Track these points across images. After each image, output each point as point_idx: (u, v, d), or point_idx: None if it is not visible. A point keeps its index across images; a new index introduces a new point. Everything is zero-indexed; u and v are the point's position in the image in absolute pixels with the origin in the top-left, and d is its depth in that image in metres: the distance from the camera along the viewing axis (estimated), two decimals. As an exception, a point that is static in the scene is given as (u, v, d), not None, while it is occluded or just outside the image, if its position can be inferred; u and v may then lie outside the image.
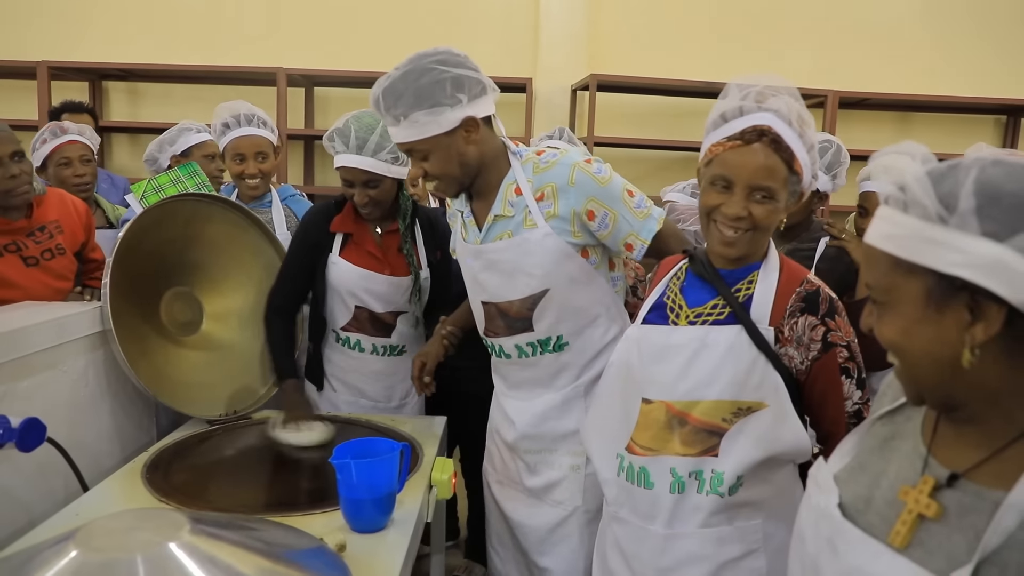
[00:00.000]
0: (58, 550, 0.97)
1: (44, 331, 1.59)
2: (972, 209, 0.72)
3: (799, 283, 1.35)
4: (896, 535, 0.82)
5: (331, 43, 4.43)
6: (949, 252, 0.73)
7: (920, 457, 0.85)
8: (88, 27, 4.38)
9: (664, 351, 1.38)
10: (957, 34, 4.60)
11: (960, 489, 0.79)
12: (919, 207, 0.76)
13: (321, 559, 1.17)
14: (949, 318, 0.76)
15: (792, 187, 1.33)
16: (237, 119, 2.47)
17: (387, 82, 1.61)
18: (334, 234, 2.09)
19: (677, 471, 1.35)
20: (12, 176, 1.97)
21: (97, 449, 1.77)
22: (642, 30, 4.54)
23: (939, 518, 0.79)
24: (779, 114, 1.31)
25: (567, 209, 1.64)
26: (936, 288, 0.76)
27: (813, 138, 1.34)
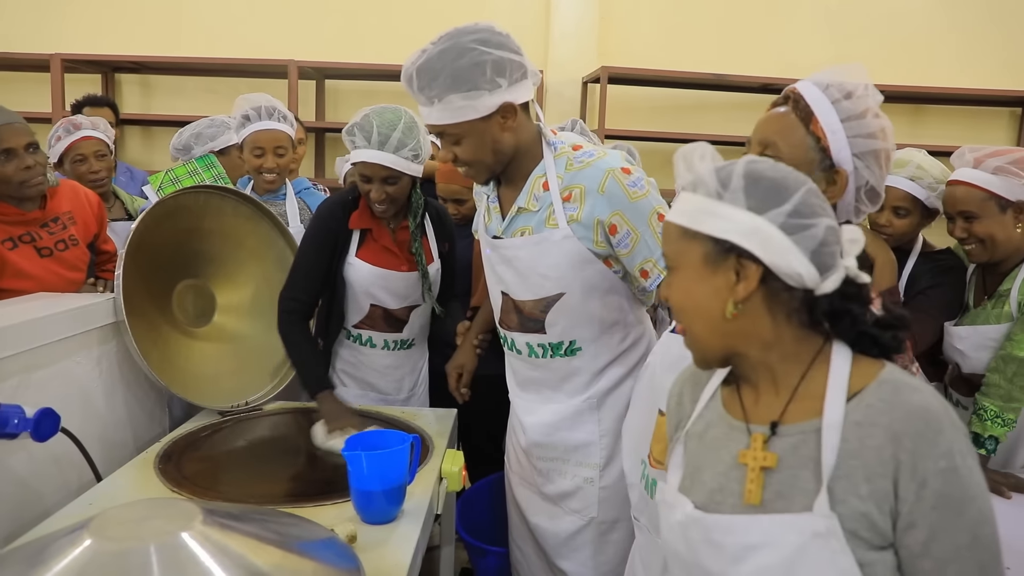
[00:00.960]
0: (72, 539, 0.98)
1: (58, 322, 1.60)
2: (740, 187, 0.92)
3: None
4: (749, 494, 0.94)
5: (342, 36, 4.42)
6: (722, 220, 0.92)
7: (739, 429, 0.99)
8: (101, 20, 4.40)
9: (679, 362, 1.30)
10: (970, 25, 4.55)
11: (784, 435, 0.94)
12: (704, 186, 0.94)
13: (332, 550, 1.18)
14: (720, 277, 0.93)
15: (813, 154, 1.20)
16: (258, 112, 2.46)
17: (422, 59, 1.51)
18: (351, 231, 2.05)
19: None
20: (27, 167, 1.98)
21: (110, 439, 1.78)
22: (653, 22, 4.51)
23: (777, 466, 0.93)
24: (816, 80, 1.23)
25: (591, 217, 1.56)
26: (712, 251, 0.93)
27: (857, 109, 1.20)
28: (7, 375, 1.44)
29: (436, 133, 1.59)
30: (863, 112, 1.20)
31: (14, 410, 1.31)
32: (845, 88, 1.21)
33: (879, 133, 1.21)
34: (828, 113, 1.20)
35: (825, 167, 1.20)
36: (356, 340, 2.14)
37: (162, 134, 4.51)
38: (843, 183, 1.21)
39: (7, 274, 2.00)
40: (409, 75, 1.52)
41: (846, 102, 1.20)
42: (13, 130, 1.97)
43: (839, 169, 1.20)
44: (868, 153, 1.20)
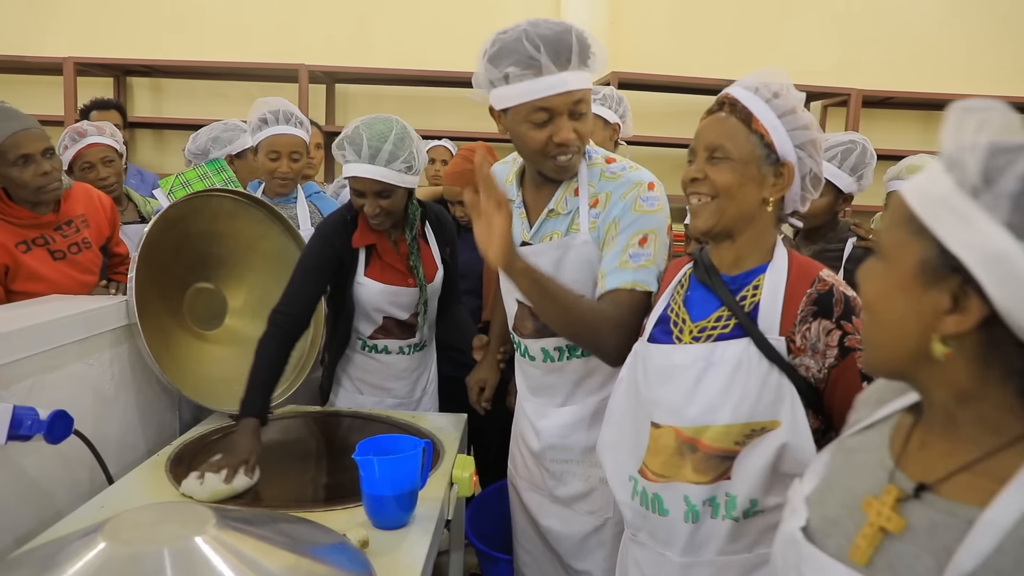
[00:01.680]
0: (87, 542, 0.98)
1: (72, 324, 1.60)
2: (1011, 193, 0.65)
3: (810, 283, 1.24)
4: (856, 550, 0.77)
5: (352, 40, 4.44)
6: (963, 229, 0.68)
7: (886, 469, 0.81)
8: (113, 24, 4.43)
9: (668, 372, 1.30)
10: (980, 31, 4.54)
11: (929, 504, 0.74)
12: (959, 170, 0.69)
13: (344, 555, 1.18)
14: (931, 297, 0.71)
15: (758, 150, 1.25)
16: (275, 116, 2.46)
17: (560, 25, 1.48)
18: (357, 251, 2.02)
19: (691, 499, 1.28)
20: (45, 173, 1.99)
21: (121, 442, 1.79)
22: (663, 27, 4.52)
23: (903, 533, 0.74)
24: (744, 84, 1.30)
25: (607, 220, 1.56)
26: (933, 260, 0.71)
27: (788, 105, 1.26)
28: (21, 377, 1.44)
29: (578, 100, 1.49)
30: (794, 107, 1.27)
31: (28, 412, 1.31)
32: (772, 88, 1.28)
33: (811, 124, 1.28)
34: (765, 111, 1.26)
35: (772, 162, 1.27)
36: (372, 350, 2.13)
37: (173, 137, 4.54)
38: (790, 174, 1.27)
39: (21, 277, 2.01)
40: (559, 37, 1.45)
41: (777, 100, 1.27)
42: (30, 136, 1.98)
43: (784, 161, 1.27)
44: (807, 143, 1.27)
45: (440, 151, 3.58)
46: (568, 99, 1.47)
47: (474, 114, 4.39)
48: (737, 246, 1.31)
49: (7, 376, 1.41)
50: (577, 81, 1.47)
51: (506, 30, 1.49)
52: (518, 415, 1.90)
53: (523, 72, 1.45)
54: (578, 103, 1.49)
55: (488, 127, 2.56)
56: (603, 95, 2.62)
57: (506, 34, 1.48)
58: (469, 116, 4.39)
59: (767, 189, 1.27)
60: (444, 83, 4.31)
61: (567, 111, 1.49)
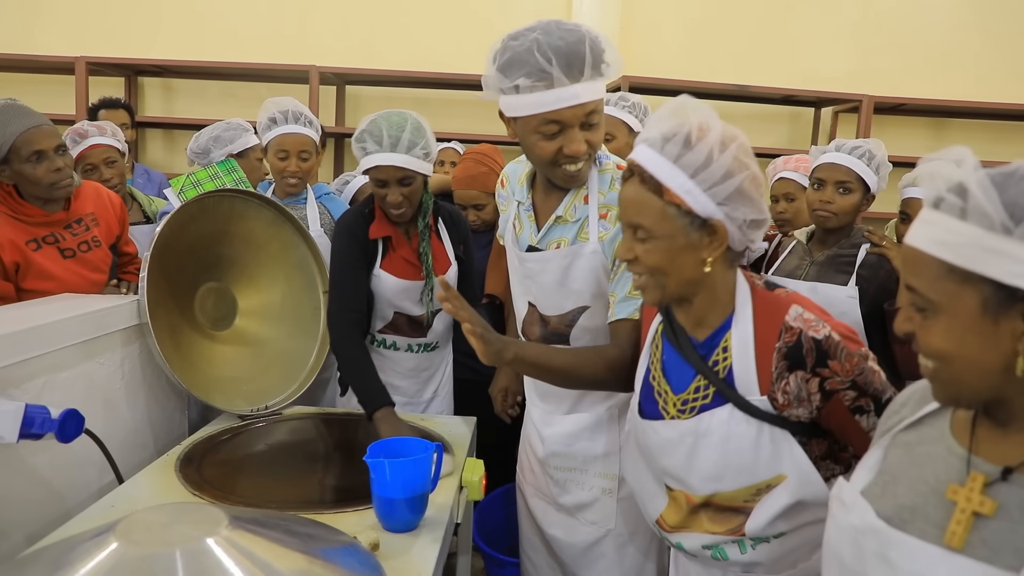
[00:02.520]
0: (99, 542, 0.98)
1: (83, 324, 1.60)
2: None
3: (777, 336, 1.19)
4: (952, 535, 0.81)
5: (363, 42, 4.45)
6: (1012, 263, 0.74)
7: (959, 458, 0.85)
8: (125, 24, 4.45)
9: (664, 446, 1.31)
10: (993, 38, 4.52)
11: (1017, 483, 0.79)
12: (982, 215, 0.75)
13: (355, 557, 1.17)
14: (1004, 327, 0.76)
15: (679, 221, 1.17)
16: (285, 115, 2.47)
17: (575, 33, 1.40)
18: (375, 242, 2.06)
19: (711, 544, 1.33)
20: (57, 169, 2.00)
21: (131, 441, 1.78)
22: (675, 32, 4.51)
23: (995, 514, 0.79)
24: (649, 137, 1.20)
25: (616, 239, 1.51)
26: (993, 298, 0.76)
27: (699, 158, 1.14)
28: (33, 376, 1.44)
29: (589, 112, 1.44)
30: (708, 157, 1.15)
31: (39, 411, 1.31)
32: (680, 137, 1.16)
33: (733, 167, 1.15)
34: (674, 176, 1.16)
35: (698, 226, 1.18)
36: (380, 345, 2.15)
37: (183, 137, 4.55)
38: (723, 231, 1.18)
39: (31, 275, 2.01)
40: (572, 48, 1.38)
41: (688, 155, 1.15)
42: (43, 132, 1.99)
43: (712, 221, 1.18)
44: (731, 195, 1.16)
45: (449, 153, 3.58)
46: (580, 111, 1.43)
47: (483, 116, 4.39)
48: (696, 308, 1.28)
49: (19, 375, 1.40)
50: (589, 93, 1.41)
51: (517, 35, 1.43)
52: (526, 420, 1.90)
53: (534, 84, 1.39)
54: (590, 114, 1.45)
55: (497, 129, 2.55)
56: (632, 103, 2.59)
57: (517, 41, 1.42)
58: (478, 118, 4.39)
59: (703, 251, 1.20)
60: (453, 85, 4.31)
61: (578, 123, 1.45)
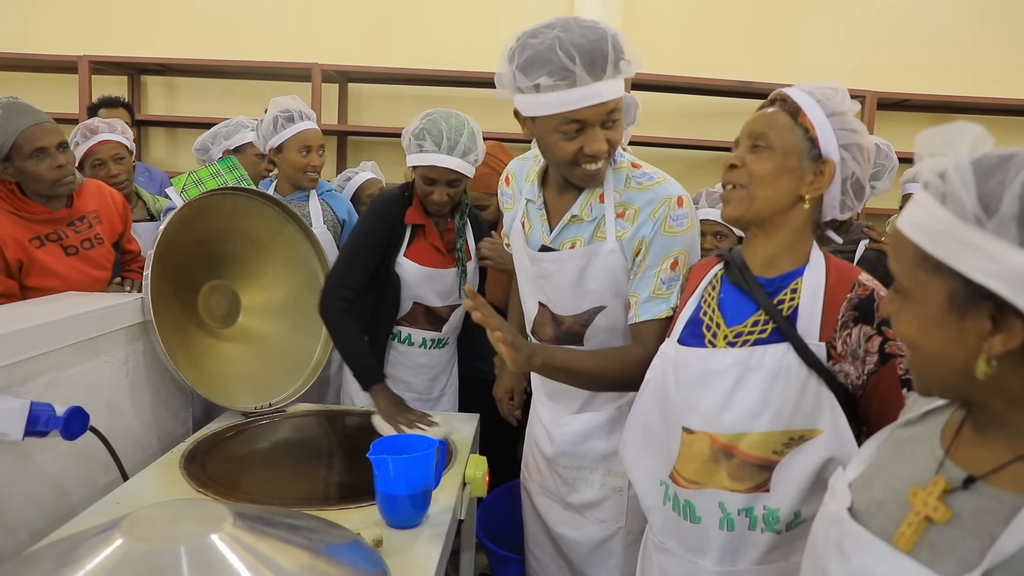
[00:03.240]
0: (104, 538, 0.98)
1: (87, 322, 1.61)
2: (1014, 215, 0.66)
3: (850, 287, 1.21)
4: (901, 536, 0.79)
5: (365, 39, 4.45)
6: (981, 258, 0.69)
7: (935, 458, 0.82)
8: (127, 23, 4.45)
9: (703, 377, 1.27)
10: (999, 33, 4.50)
11: (977, 492, 0.76)
12: (956, 202, 0.70)
13: (359, 553, 1.18)
14: (970, 324, 0.72)
15: (801, 144, 1.23)
16: (300, 113, 2.50)
17: (597, 31, 1.39)
18: (404, 228, 2.10)
19: (726, 507, 1.25)
20: (59, 166, 2.01)
21: (135, 438, 1.79)
22: (677, 28, 4.50)
23: (947, 522, 0.76)
24: (800, 86, 1.29)
25: (635, 238, 1.52)
26: (961, 292, 0.72)
27: (839, 107, 1.24)
28: (37, 373, 1.45)
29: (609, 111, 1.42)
30: (844, 111, 1.25)
31: (45, 408, 1.31)
32: (827, 91, 1.26)
33: (861, 130, 1.25)
34: (814, 108, 1.24)
35: (813, 156, 1.24)
36: (395, 337, 2.17)
37: (186, 136, 4.56)
38: (831, 172, 1.23)
39: (35, 272, 2.02)
40: (595, 46, 1.37)
41: (828, 101, 1.25)
42: (45, 129, 2.00)
43: (827, 159, 1.23)
44: (853, 145, 1.24)
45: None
46: (602, 110, 1.41)
47: (487, 113, 4.37)
48: (771, 244, 1.28)
49: (24, 372, 1.41)
50: (611, 91, 1.40)
51: (536, 33, 1.40)
52: (532, 420, 1.89)
53: (556, 83, 1.37)
54: (611, 112, 1.43)
55: (504, 127, 2.56)
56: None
57: (537, 39, 1.39)
58: (482, 115, 4.35)
59: (804, 186, 1.24)
60: (456, 83, 4.31)
61: (599, 122, 1.43)
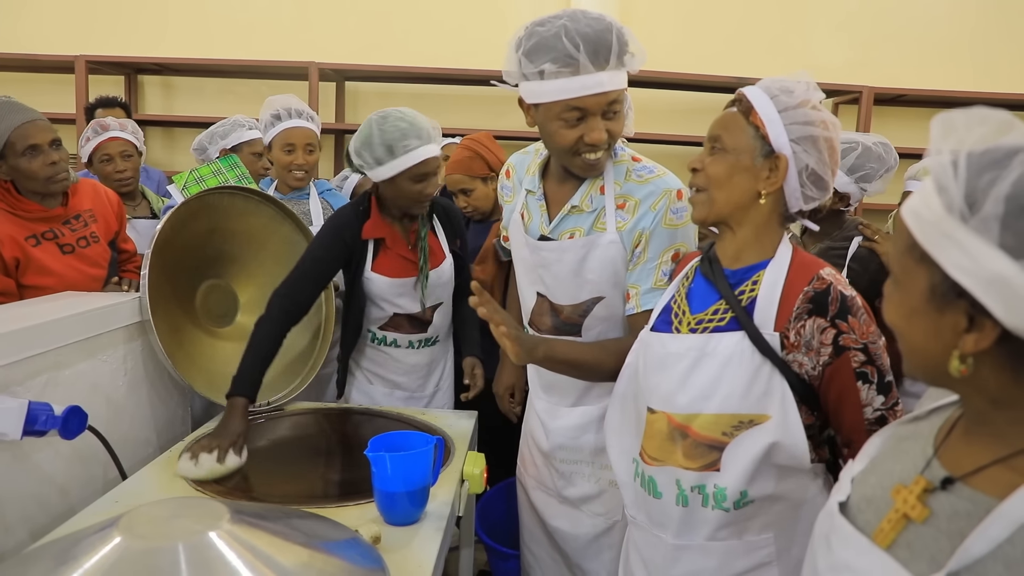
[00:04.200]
0: (102, 536, 0.99)
1: (85, 321, 1.61)
2: (997, 216, 0.65)
3: (808, 281, 1.25)
4: (880, 532, 0.80)
5: (362, 38, 4.45)
6: (959, 254, 0.68)
7: (925, 457, 0.82)
8: (124, 22, 4.46)
9: (664, 360, 1.33)
10: (995, 28, 4.50)
11: (955, 493, 0.75)
12: (947, 194, 0.69)
13: (357, 550, 1.18)
14: (947, 319, 0.72)
15: (753, 142, 1.27)
16: (288, 111, 2.54)
17: (601, 22, 1.44)
18: (367, 243, 2.04)
19: (681, 484, 1.31)
20: (52, 163, 2.03)
21: (134, 437, 1.80)
22: (672, 25, 4.50)
23: (924, 521, 0.76)
24: (760, 83, 1.32)
25: (635, 229, 1.54)
26: (940, 285, 0.71)
27: (793, 102, 1.27)
28: (36, 373, 1.45)
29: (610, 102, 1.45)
30: (800, 104, 1.27)
31: (43, 408, 1.32)
32: (785, 87, 1.29)
33: (817, 122, 1.27)
34: (765, 105, 1.28)
35: (766, 153, 1.27)
36: (381, 342, 2.15)
37: (184, 135, 4.55)
38: (783, 166, 1.27)
39: (31, 270, 2.03)
40: (599, 36, 1.41)
41: (784, 97, 1.28)
42: (37, 127, 2.01)
43: (779, 154, 1.27)
44: (804, 138, 1.26)
45: (452, 149, 3.58)
46: (603, 99, 1.44)
47: (483, 111, 4.39)
48: (738, 239, 1.33)
49: (22, 372, 1.41)
50: (613, 81, 1.43)
51: (543, 22, 1.44)
52: (529, 413, 1.89)
53: (560, 70, 1.41)
54: (613, 103, 1.46)
55: (497, 124, 2.56)
56: None
57: (544, 27, 1.43)
58: (478, 113, 4.40)
59: (761, 182, 1.28)
60: (452, 81, 4.31)
61: (600, 111, 1.46)
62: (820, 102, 1.30)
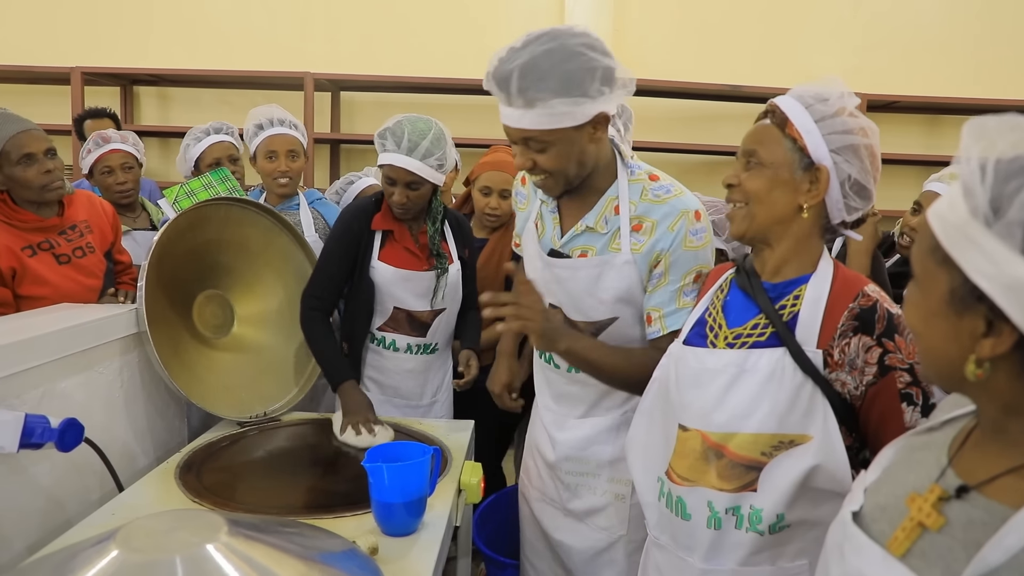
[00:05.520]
0: (99, 549, 0.98)
1: (82, 333, 1.61)
2: (1021, 222, 0.65)
3: (853, 297, 1.21)
4: (894, 541, 0.79)
5: (358, 48, 4.47)
6: (981, 258, 0.68)
7: (939, 466, 0.82)
8: (120, 33, 4.47)
9: (700, 376, 1.28)
10: (989, 34, 4.53)
11: (970, 502, 0.75)
12: (973, 198, 0.69)
13: (354, 561, 1.18)
14: (966, 323, 0.72)
15: (791, 155, 1.24)
16: (271, 120, 2.57)
17: (523, 58, 1.38)
18: (374, 233, 2.12)
19: (714, 505, 1.26)
20: (47, 171, 2.04)
21: (131, 449, 1.79)
22: (667, 33, 4.53)
23: (939, 530, 0.75)
24: (793, 91, 1.29)
25: (652, 251, 1.53)
26: (960, 288, 0.71)
27: (830, 110, 1.23)
28: (32, 385, 1.45)
29: (518, 139, 1.47)
30: (837, 112, 1.24)
31: (39, 420, 1.32)
32: (820, 95, 1.26)
33: (856, 130, 1.24)
34: (801, 116, 1.24)
35: (805, 166, 1.24)
36: (380, 343, 2.17)
37: (179, 146, 4.55)
38: (825, 178, 1.24)
39: (27, 280, 2.03)
40: (506, 74, 1.39)
41: (819, 106, 1.25)
42: (32, 136, 2.03)
43: (819, 166, 1.23)
44: (845, 148, 1.23)
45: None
46: (514, 132, 1.46)
47: (479, 120, 4.40)
48: (777, 254, 1.29)
49: (19, 385, 1.41)
50: (512, 118, 1.44)
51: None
52: (534, 424, 1.87)
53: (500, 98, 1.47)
54: (527, 140, 1.46)
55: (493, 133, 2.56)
56: None
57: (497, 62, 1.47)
58: (473, 122, 4.40)
59: (802, 195, 1.25)
60: (448, 90, 4.33)
61: (518, 139, 1.47)
62: (855, 107, 1.26)
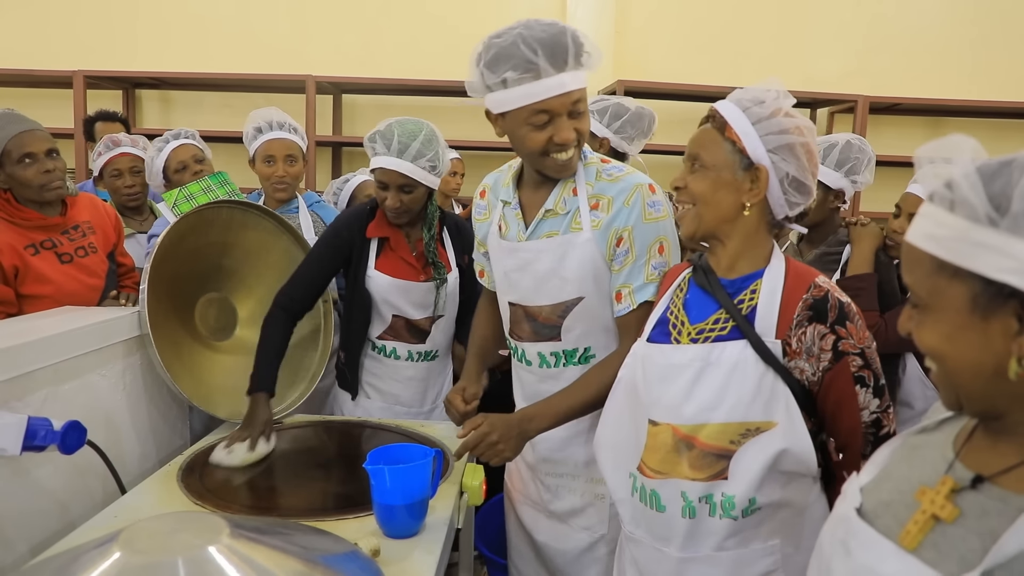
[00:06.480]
0: (102, 551, 0.98)
1: (84, 336, 1.62)
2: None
3: (805, 289, 1.28)
4: (906, 534, 0.80)
5: (359, 51, 4.48)
6: (998, 257, 0.70)
7: (945, 461, 0.83)
8: (122, 37, 4.48)
9: (667, 371, 1.34)
10: (989, 37, 4.54)
11: (984, 492, 0.76)
12: (967, 207, 0.72)
13: (356, 564, 1.18)
14: (996, 326, 0.72)
15: (731, 156, 1.29)
16: (269, 124, 2.56)
17: (561, 25, 1.49)
18: (369, 241, 2.09)
19: (688, 495, 1.31)
20: (47, 171, 2.05)
21: (133, 452, 1.80)
22: (669, 35, 4.53)
23: (954, 521, 0.76)
24: (732, 96, 1.33)
25: (610, 226, 1.57)
26: (983, 294, 0.72)
27: (766, 112, 1.29)
28: (35, 388, 1.46)
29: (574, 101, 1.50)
30: (772, 113, 1.29)
31: (42, 423, 1.32)
32: (756, 98, 1.31)
33: (792, 129, 1.29)
34: (739, 119, 1.30)
35: (745, 166, 1.30)
36: (380, 351, 2.16)
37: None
38: (764, 178, 1.29)
39: (29, 279, 2.04)
40: (556, 36, 1.46)
41: (756, 108, 1.30)
42: (34, 136, 2.04)
43: (758, 166, 1.29)
44: (782, 147, 1.28)
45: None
46: (567, 100, 1.49)
47: (480, 123, 4.39)
48: (729, 251, 1.35)
49: (21, 387, 1.42)
50: (575, 81, 1.48)
51: (500, 34, 1.49)
52: None
53: (522, 76, 1.45)
54: (576, 103, 1.51)
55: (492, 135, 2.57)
56: (602, 107, 2.61)
57: (501, 38, 1.48)
58: (475, 125, 4.41)
59: (744, 195, 1.30)
60: (449, 93, 4.33)
61: (566, 111, 1.50)
62: (790, 107, 1.32)
